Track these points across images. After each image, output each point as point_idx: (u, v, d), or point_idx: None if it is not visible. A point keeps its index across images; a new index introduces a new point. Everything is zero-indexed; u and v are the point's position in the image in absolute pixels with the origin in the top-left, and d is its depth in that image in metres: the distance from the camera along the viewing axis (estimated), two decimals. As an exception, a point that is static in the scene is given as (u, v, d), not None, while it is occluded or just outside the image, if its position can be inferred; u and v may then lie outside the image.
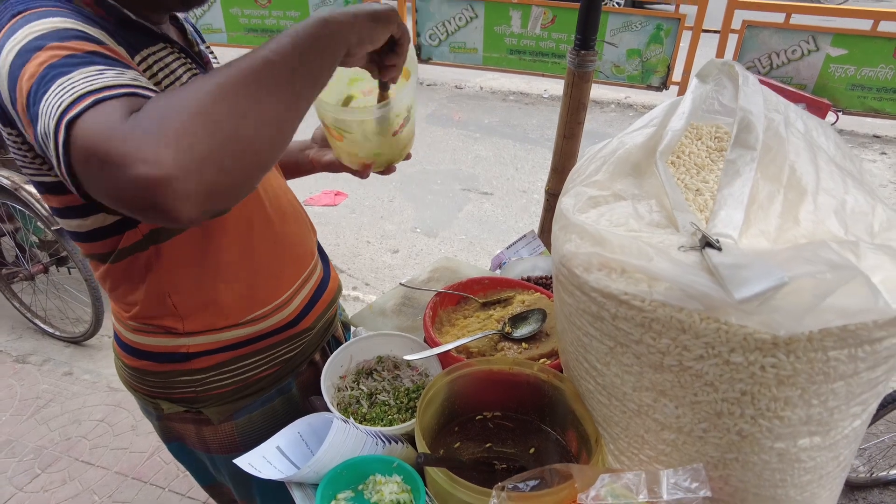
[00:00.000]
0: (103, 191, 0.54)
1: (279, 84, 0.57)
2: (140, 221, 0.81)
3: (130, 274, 0.86)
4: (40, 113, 0.57)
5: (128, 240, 0.83)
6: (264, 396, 1.03)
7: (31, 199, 2.41)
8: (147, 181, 0.49)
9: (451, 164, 4.74)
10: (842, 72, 5.30)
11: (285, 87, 0.58)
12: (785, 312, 0.53)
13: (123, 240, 0.83)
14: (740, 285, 0.52)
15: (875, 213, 0.71)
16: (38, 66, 0.59)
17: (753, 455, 0.64)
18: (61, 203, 0.80)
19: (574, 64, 1.59)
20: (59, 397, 2.53)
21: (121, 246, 0.83)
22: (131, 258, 0.85)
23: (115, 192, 0.52)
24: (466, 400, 0.97)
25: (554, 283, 0.84)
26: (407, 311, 1.28)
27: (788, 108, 0.85)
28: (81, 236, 0.84)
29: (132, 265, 0.85)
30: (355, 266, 3.51)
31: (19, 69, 0.60)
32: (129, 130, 0.51)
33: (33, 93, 0.58)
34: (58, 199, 0.80)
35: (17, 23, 0.64)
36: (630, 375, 0.68)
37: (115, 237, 0.82)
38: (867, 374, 0.60)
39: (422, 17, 6.33)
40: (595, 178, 0.86)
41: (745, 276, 0.52)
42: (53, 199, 0.80)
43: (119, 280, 0.88)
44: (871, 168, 4.82)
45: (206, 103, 0.53)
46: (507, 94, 6.33)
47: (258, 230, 0.93)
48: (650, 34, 5.70)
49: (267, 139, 0.58)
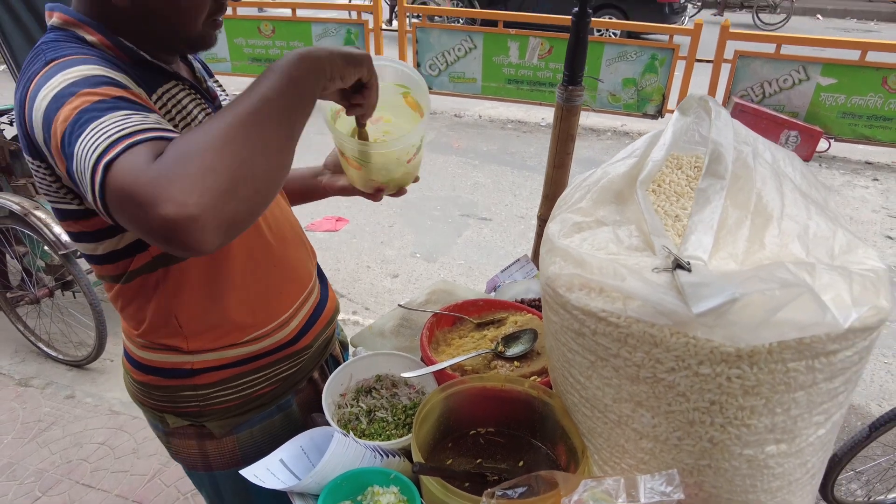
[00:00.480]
0: (135, 226, 0.61)
1: (278, 118, 0.65)
2: (149, 245, 0.88)
3: (140, 294, 0.93)
4: (76, 154, 0.64)
5: (138, 262, 0.89)
6: (265, 412, 1.08)
7: (40, 224, 2.48)
8: (174, 220, 0.56)
9: (450, 191, 4.83)
10: (832, 100, 5.43)
11: (283, 120, 0.66)
12: (741, 326, 0.58)
13: (134, 262, 0.89)
14: (698, 301, 0.58)
15: (836, 238, 0.77)
16: (72, 111, 0.66)
17: (724, 462, 0.69)
18: (77, 228, 0.87)
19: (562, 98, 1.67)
20: (61, 420, 2.56)
21: (131, 268, 0.89)
22: (141, 279, 0.91)
23: (145, 228, 0.59)
24: (461, 416, 1.02)
25: (542, 302, 0.89)
26: (405, 331, 1.34)
27: (757, 140, 0.91)
28: (95, 259, 0.90)
29: (141, 286, 0.91)
30: (355, 290, 3.56)
31: (54, 112, 0.67)
32: (155, 174, 0.58)
33: (68, 134, 0.65)
34: (74, 225, 0.86)
35: (52, 69, 0.71)
36: (610, 388, 0.73)
37: (127, 259, 0.89)
38: (825, 384, 0.66)
39: (422, 48, 6.51)
40: (579, 205, 0.92)
41: (704, 293, 0.58)
42: (70, 224, 0.87)
43: (129, 300, 0.94)
44: (864, 194, 4.90)
45: (218, 144, 0.60)
46: (506, 123, 6.47)
47: (260, 254, 0.99)
48: (645, 64, 5.85)
49: (274, 167, 0.65)
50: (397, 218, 4.36)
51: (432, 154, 5.48)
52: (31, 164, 0.81)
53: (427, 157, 5.39)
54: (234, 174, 0.60)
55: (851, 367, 0.67)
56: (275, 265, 1.02)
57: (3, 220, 2.63)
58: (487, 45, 6.26)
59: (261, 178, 0.63)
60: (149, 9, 0.80)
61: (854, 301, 0.61)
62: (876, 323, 0.64)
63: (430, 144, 5.71)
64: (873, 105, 5.32)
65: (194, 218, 0.56)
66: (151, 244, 0.64)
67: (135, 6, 0.79)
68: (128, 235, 0.86)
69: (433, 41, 6.45)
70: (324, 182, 1.17)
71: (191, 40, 0.86)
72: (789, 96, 5.53)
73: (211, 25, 0.87)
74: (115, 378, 2.82)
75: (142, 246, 0.88)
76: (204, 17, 0.84)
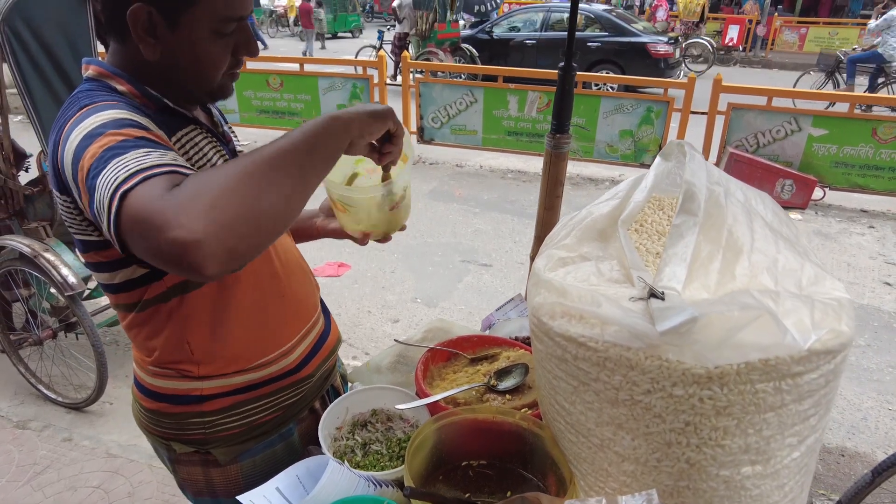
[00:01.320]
0: (144, 249, 0.66)
1: (292, 170, 0.71)
2: (164, 276, 0.93)
3: (153, 322, 0.98)
4: (97, 186, 0.71)
5: (153, 291, 0.94)
6: (267, 440, 1.11)
7: (49, 265, 2.54)
8: (182, 243, 0.62)
9: (451, 237, 4.91)
10: (824, 150, 5.56)
11: (297, 172, 0.72)
12: (704, 345, 0.62)
13: (148, 291, 0.94)
14: (662, 321, 0.62)
15: (804, 270, 0.82)
16: (99, 148, 0.74)
17: (702, 482, 0.71)
18: (96, 259, 0.93)
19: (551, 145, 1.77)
20: (57, 463, 2.55)
21: (146, 297, 0.95)
22: (154, 308, 0.96)
23: (154, 250, 0.64)
24: (453, 447, 1.04)
25: (530, 333, 0.93)
26: (401, 368, 1.37)
27: (730, 181, 0.97)
28: (111, 288, 0.96)
29: (155, 314, 0.97)
30: (356, 335, 3.58)
31: (83, 150, 0.75)
32: (168, 202, 0.64)
33: (93, 168, 0.72)
34: (94, 255, 0.92)
35: (85, 113, 0.80)
36: (592, 412, 0.77)
37: (142, 288, 0.94)
38: (794, 406, 0.69)
39: (425, 102, 6.74)
40: (564, 241, 0.98)
41: (668, 314, 0.62)
42: (90, 255, 0.93)
43: (143, 327, 0.99)
44: (860, 241, 4.96)
45: (232, 183, 0.66)
46: (506, 173, 6.62)
47: (269, 285, 1.05)
48: (641, 116, 6.04)
49: (280, 213, 0.71)
50: (399, 263, 4.42)
51: (434, 202, 5.59)
52: (58, 198, 0.88)
53: (429, 204, 5.51)
54: (239, 212, 0.65)
55: (819, 389, 0.70)
56: (282, 295, 1.08)
57: (13, 262, 2.70)
58: (488, 99, 6.49)
59: (264, 219, 0.68)
60: (175, 63, 0.89)
61: (814, 325, 0.66)
62: (837, 346, 0.68)
63: (432, 193, 5.84)
64: (865, 155, 5.45)
65: (199, 243, 0.61)
66: (159, 267, 0.69)
67: (163, 60, 0.88)
68: (143, 266, 0.92)
69: (435, 95, 6.69)
70: (317, 224, 1.26)
71: (210, 91, 0.95)
72: (783, 146, 5.68)
73: (229, 78, 0.96)
74: (113, 420, 2.82)
75: (157, 275, 0.93)
76: (223, 71, 0.93)
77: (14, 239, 2.66)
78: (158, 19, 0.85)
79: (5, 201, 2.81)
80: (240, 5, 0.89)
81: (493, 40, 10.52)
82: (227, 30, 0.90)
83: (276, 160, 0.70)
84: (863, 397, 3.09)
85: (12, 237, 2.69)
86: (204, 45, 0.88)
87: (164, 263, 0.65)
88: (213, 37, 0.88)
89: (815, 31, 14.54)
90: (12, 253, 2.68)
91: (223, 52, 0.91)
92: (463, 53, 10.29)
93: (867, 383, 3.20)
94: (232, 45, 0.92)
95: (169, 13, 0.84)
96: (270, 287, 1.05)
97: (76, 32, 2.59)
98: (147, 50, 0.86)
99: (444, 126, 6.80)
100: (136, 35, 0.85)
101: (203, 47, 0.88)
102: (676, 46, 9.80)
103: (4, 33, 2.36)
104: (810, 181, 5.51)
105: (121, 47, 0.91)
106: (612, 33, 9.68)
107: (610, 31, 9.72)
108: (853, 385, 3.17)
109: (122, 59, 0.91)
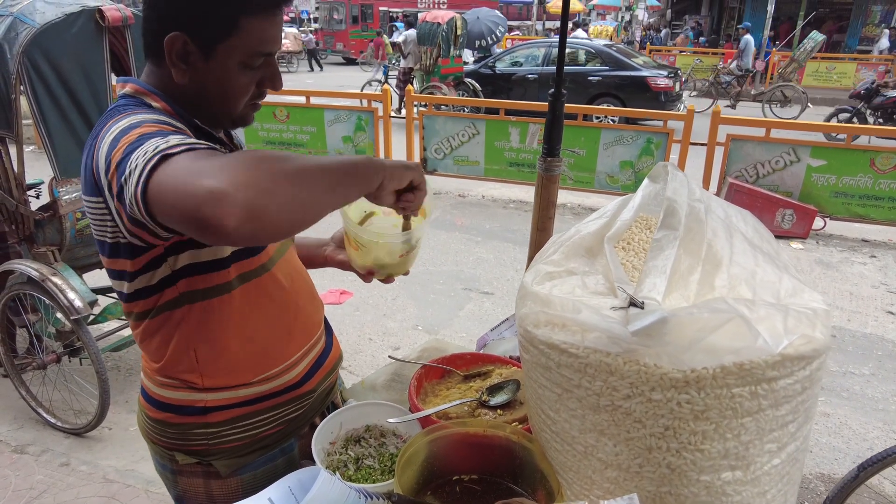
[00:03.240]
0: (170, 205, 0.70)
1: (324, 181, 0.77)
2: (177, 281, 0.97)
3: (164, 330, 1.01)
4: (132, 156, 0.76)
5: (166, 297, 0.98)
6: (268, 455, 1.13)
7: (56, 289, 2.58)
8: (209, 189, 0.66)
9: (453, 266, 4.94)
10: (824, 180, 5.61)
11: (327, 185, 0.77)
12: (676, 346, 0.64)
13: (162, 297, 0.98)
14: (633, 322, 0.64)
15: (782, 283, 0.84)
16: (136, 135, 0.80)
17: (684, 488, 0.73)
18: (118, 266, 0.97)
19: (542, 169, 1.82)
20: (53, 488, 2.53)
21: (159, 303, 0.99)
22: (166, 315, 1.00)
23: (181, 200, 0.68)
24: (444, 461, 1.05)
25: (518, 345, 0.95)
26: (396, 385, 1.38)
27: (711, 199, 1.01)
28: (127, 296, 1.00)
29: (166, 322, 1.01)
30: (356, 362, 3.58)
31: (121, 137, 0.82)
32: (206, 163, 0.70)
33: (130, 146, 0.79)
34: (115, 263, 0.97)
35: (121, 118, 0.87)
36: (576, 419, 0.79)
37: (156, 295, 0.98)
38: (771, 411, 0.71)
39: (428, 133, 6.87)
40: (552, 257, 1.01)
41: (639, 316, 0.65)
42: (113, 262, 0.97)
43: (153, 336, 1.03)
44: (862, 270, 4.96)
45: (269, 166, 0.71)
46: (508, 202, 6.69)
47: (276, 300, 1.09)
48: (641, 147, 6.13)
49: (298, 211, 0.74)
50: (400, 291, 4.45)
51: (436, 230, 5.65)
52: (87, 203, 0.92)
53: (431, 233, 5.55)
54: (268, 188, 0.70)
55: (796, 396, 0.72)
56: (288, 310, 1.11)
57: (22, 286, 2.74)
58: (490, 131, 6.61)
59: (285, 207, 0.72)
60: (202, 90, 0.96)
61: (787, 330, 0.68)
62: (811, 352, 0.70)
63: (434, 222, 5.89)
64: (864, 185, 5.49)
65: (224, 194, 0.66)
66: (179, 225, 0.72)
67: (192, 85, 0.95)
68: (159, 272, 0.96)
69: (439, 127, 6.82)
70: (327, 252, 1.32)
71: (233, 118, 1.02)
72: (782, 177, 5.73)
73: (251, 108, 1.03)
74: (111, 446, 2.81)
75: (171, 281, 0.97)
76: (246, 101, 1.00)
77: (23, 263, 2.71)
78: (193, 48, 0.91)
79: (16, 226, 2.87)
80: (270, 42, 0.95)
81: (496, 75, 10.76)
82: (256, 63, 0.96)
83: (315, 168, 0.76)
84: (868, 427, 3.05)
85: (21, 261, 2.74)
86: (232, 76, 0.95)
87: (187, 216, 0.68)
88: (241, 69, 0.95)
89: (813, 65, 14.79)
90: (21, 277, 2.73)
91: (248, 84, 0.97)
92: (466, 88, 10.50)
93: (872, 413, 3.17)
94: (258, 77, 0.98)
95: (203, 44, 0.91)
96: (278, 302, 1.09)
97: (92, 64, 2.68)
98: (178, 74, 0.93)
99: (446, 157, 6.91)
100: (169, 60, 0.92)
101: (230, 78, 0.95)
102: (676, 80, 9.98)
103: (24, 65, 2.45)
104: (810, 211, 5.55)
105: (157, 69, 0.98)
106: (613, 67, 9.89)
107: (610, 65, 9.93)
108: (858, 415, 3.14)
109: (158, 79, 0.98)
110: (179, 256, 0.96)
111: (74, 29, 2.57)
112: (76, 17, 2.56)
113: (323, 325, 1.26)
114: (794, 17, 18.68)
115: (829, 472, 2.76)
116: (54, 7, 2.54)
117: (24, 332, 3.03)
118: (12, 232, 2.90)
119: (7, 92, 2.52)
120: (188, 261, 0.97)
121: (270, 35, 0.95)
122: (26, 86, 2.49)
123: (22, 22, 2.46)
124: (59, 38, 2.53)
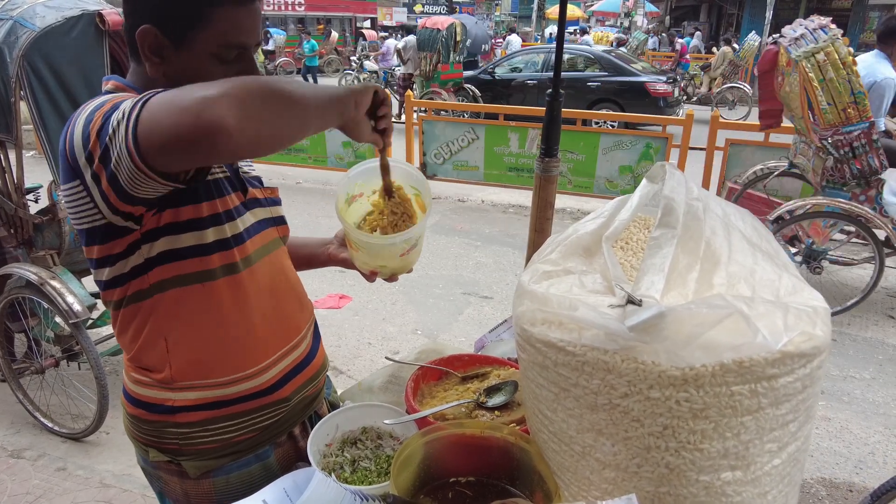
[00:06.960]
0: (169, 125, 0.72)
1: (302, 95, 0.80)
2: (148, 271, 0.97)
3: (137, 317, 1.01)
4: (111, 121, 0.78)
5: (135, 287, 0.98)
6: (242, 460, 1.11)
7: (55, 293, 2.57)
8: (208, 97, 0.70)
9: (453, 270, 4.93)
10: (823, 185, 5.60)
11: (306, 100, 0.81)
12: (673, 342, 0.64)
13: (132, 286, 0.98)
14: (631, 317, 0.64)
15: (781, 281, 0.83)
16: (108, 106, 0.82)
17: (682, 488, 0.71)
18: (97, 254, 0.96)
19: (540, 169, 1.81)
20: (49, 493, 2.52)
21: (129, 292, 0.99)
22: (136, 306, 1.00)
23: (177, 120, 0.71)
24: (441, 463, 1.04)
25: (516, 344, 0.95)
26: (393, 388, 1.37)
27: (709, 197, 1.00)
28: (104, 284, 1.00)
29: (139, 311, 1.00)
30: (355, 367, 3.57)
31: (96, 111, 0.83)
32: (184, 89, 0.74)
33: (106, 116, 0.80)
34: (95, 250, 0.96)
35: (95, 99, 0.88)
36: (573, 419, 0.78)
37: (127, 284, 0.98)
38: (771, 410, 0.70)
39: (428, 138, 6.87)
40: (549, 257, 1.00)
41: (636, 311, 0.64)
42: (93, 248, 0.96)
43: (126, 326, 1.03)
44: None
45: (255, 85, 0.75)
46: (507, 207, 6.69)
47: (252, 299, 1.06)
48: (640, 152, 6.13)
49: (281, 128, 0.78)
50: (400, 296, 4.44)
51: (436, 235, 5.64)
52: (64, 192, 0.90)
53: (431, 238, 5.55)
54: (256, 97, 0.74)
55: (796, 394, 0.71)
56: (264, 312, 1.08)
57: (21, 290, 2.73)
58: (489, 137, 6.62)
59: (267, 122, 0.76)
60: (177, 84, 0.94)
61: (787, 327, 0.67)
62: (811, 350, 0.69)
63: (434, 227, 5.89)
64: (864, 189, 5.47)
65: (221, 97, 0.71)
66: (178, 143, 0.73)
67: (167, 80, 0.94)
68: (132, 259, 0.95)
69: (438, 132, 6.83)
70: (329, 251, 1.31)
71: None
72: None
73: None
74: (108, 450, 2.80)
75: (144, 269, 0.97)
76: None
77: (21, 267, 2.70)
78: (165, 42, 0.91)
79: (15, 231, 2.87)
80: (243, 33, 0.94)
81: (496, 81, 10.79)
82: (229, 56, 0.94)
83: (296, 83, 0.80)
84: (869, 431, 3.04)
85: (20, 265, 2.73)
86: (205, 69, 0.93)
87: (188, 129, 0.70)
88: (214, 61, 0.93)
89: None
90: (19, 281, 2.72)
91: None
92: (466, 93, 10.53)
93: (873, 417, 3.15)
94: (233, 73, 0.94)
95: (172, 34, 0.90)
96: (254, 301, 1.06)
97: (92, 68, 2.69)
98: (151, 69, 0.93)
99: (446, 162, 6.92)
100: (142, 54, 0.92)
101: (204, 70, 0.93)
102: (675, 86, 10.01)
103: (24, 69, 2.45)
104: (811, 215, 5.53)
105: (137, 66, 0.98)
106: (612, 73, 9.92)
107: (610, 70, 9.96)
108: (859, 419, 3.12)
109: (138, 76, 0.98)
110: (155, 244, 0.95)
111: (74, 33, 2.58)
112: (76, 21, 2.57)
113: (308, 331, 1.21)
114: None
115: (830, 477, 2.74)
116: (54, 11, 2.55)
117: (22, 336, 3.01)
118: (11, 236, 2.89)
119: (7, 96, 2.52)
120: (164, 247, 0.95)
121: (242, 26, 0.93)
122: (26, 90, 2.49)
123: (22, 26, 2.46)
124: (60, 42, 2.54)
